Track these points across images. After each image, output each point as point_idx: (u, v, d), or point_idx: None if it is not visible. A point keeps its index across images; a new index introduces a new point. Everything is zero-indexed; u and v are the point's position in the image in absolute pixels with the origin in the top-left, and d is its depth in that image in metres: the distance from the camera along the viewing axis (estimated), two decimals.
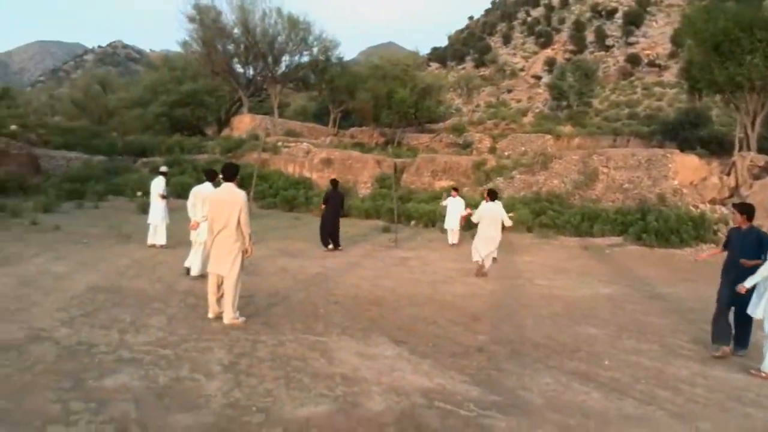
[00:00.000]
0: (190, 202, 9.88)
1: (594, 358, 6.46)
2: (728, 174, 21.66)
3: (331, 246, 14.52)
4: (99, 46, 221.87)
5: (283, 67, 41.76)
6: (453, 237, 16.80)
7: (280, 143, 32.49)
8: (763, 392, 5.68)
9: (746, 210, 7.28)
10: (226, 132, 39.55)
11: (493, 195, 12.45)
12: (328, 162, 29.22)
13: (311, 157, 30.15)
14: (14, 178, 22.39)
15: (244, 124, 38.19)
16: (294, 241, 15.51)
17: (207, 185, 9.76)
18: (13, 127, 30.78)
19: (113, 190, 24.59)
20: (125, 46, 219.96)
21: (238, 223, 6.92)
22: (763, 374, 6.07)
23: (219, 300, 7.14)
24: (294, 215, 22.68)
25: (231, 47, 41.01)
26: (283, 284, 9.80)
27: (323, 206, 15.17)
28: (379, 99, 37.72)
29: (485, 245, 11.73)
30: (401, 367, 5.86)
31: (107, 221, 16.70)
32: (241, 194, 7.02)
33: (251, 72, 42.36)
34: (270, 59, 40.37)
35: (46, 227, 14.56)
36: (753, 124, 24.40)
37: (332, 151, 30.98)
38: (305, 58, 41.66)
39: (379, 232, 19.06)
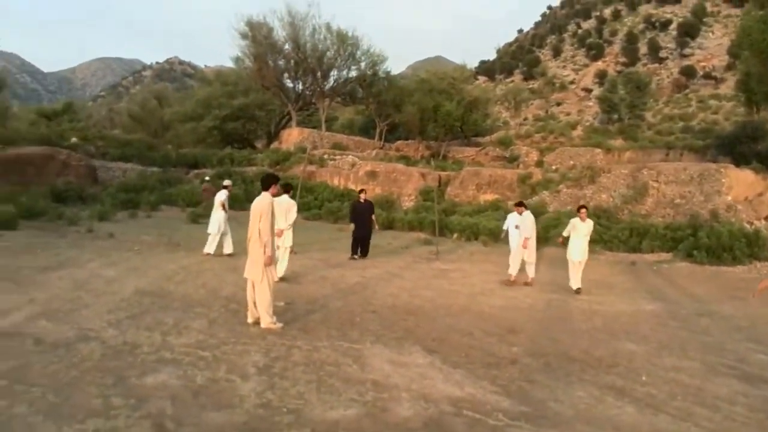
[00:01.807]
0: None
1: (631, 374, 6.33)
2: None
3: (358, 255, 14.83)
4: (156, 62, 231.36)
5: (331, 81, 42.55)
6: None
7: (326, 156, 33.05)
8: None
9: None
10: (275, 145, 40.46)
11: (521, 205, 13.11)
12: (373, 174, 29.51)
13: (356, 169, 30.52)
14: (73, 187, 23.55)
15: (292, 137, 38.99)
16: (336, 252, 15.73)
17: (284, 197, 11.00)
18: (74, 139, 32.37)
19: (166, 200, 25.49)
20: (181, 63, 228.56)
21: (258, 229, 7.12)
22: None
23: (256, 305, 7.35)
24: (338, 227, 22.95)
25: (281, 62, 42.04)
26: (322, 292, 9.98)
27: (352, 225, 15.28)
28: (425, 112, 37.92)
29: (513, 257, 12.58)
30: (432, 375, 5.90)
31: (159, 230, 17.35)
32: (266, 202, 7.20)
33: (300, 86, 43.31)
34: (319, 74, 41.19)
35: (100, 235, 15.26)
36: None
37: (377, 163, 31.27)
38: (353, 73, 42.34)
39: (421, 244, 19.09)
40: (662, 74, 74.15)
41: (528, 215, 12.72)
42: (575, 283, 11.77)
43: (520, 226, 12.76)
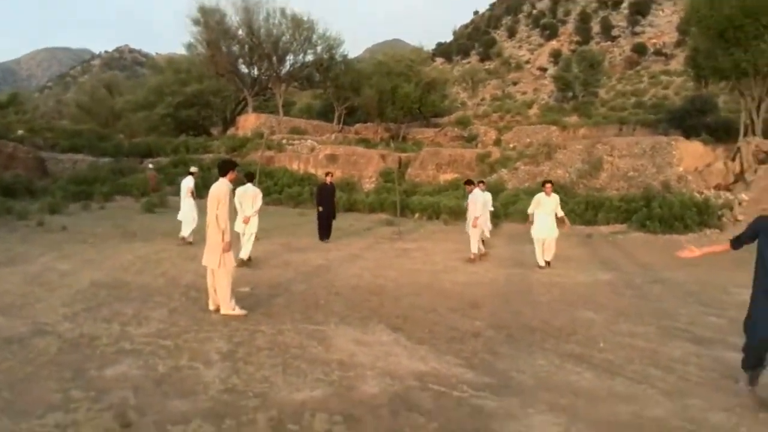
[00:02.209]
0: (236, 201, 10.93)
1: (589, 341, 6.51)
2: (733, 160, 21.55)
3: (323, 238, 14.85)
4: (106, 51, 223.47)
5: (287, 66, 41.99)
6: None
7: (284, 141, 32.70)
8: None
9: None
10: (231, 131, 39.82)
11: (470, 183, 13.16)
12: (332, 158, 29.36)
13: (316, 153, 30.31)
14: (21, 180, 22.72)
15: (249, 123, 38.41)
16: (298, 236, 15.63)
17: (249, 186, 11.27)
18: (21, 131, 31.15)
19: (120, 190, 24.84)
20: (131, 51, 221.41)
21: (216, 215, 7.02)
22: None
23: (216, 291, 7.26)
24: (299, 211, 22.82)
25: (236, 48, 41.23)
26: (285, 276, 9.92)
27: (319, 207, 15.15)
28: (383, 95, 37.83)
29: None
30: (397, 352, 5.95)
31: (113, 221, 16.91)
32: (223, 188, 7.09)
33: (256, 72, 42.61)
34: (274, 59, 40.57)
35: (52, 228, 14.77)
36: (758, 109, 24.27)
37: (337, 147, 31.13)
38: (310, 57, 41.89)
39: (383, 225, 19.16)
40: (615, 52, 75.67)
41: (478, 193, 12.57)
42: (541, 258, 11.58)
43: (469, 205, 12.70)
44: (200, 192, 12.62)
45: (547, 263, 11.64)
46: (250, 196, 11.15)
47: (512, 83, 73.07)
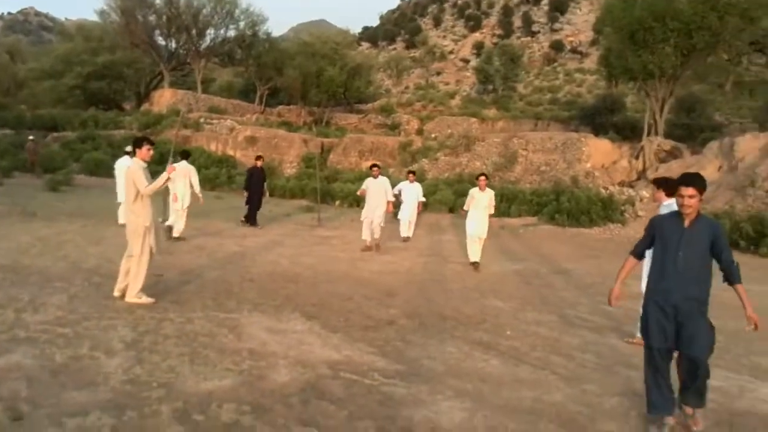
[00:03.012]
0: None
1: (497, 329, 6.79)
2: (637, 157, 22.97)
3: (249, 223, 14.64)
4: (8, 13, 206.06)
5: (207, 40, 40.60)
6: (408, 229, 14.26)
7: (202, 120, 31.62)
8: None
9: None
10: (145, 107, 38.06)
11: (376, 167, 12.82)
12: (252, 140, 28.71)
13: (235, 134, 29.52)
14: None
15: (164, 99, 36.81)
16: (214, 220, 15.21)
17: (183, 163, 11.80)
18: None
19: (20, 166, 23.16)
20: (37, 14, 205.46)
21: (136, 197, 6.73)
22: (636, 340, 6.20)
23: (128, 274, 6.93)
24: (215, 194, 22.19)
25: (152, 18, 39.36)
26: (197, 262, 9.64)
27: (245, 191, 14.93)
28: (307, 77, 37.34)
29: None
30: (310, 341, 5.94)
31: (11, 198, 15.75)
32: (132, 167, 6.78)
33: (174, 45, 40.88)
34: (194, 32, 39.04)
35: None
36: (661, 110, 25.89)
37: (258, 129, 30.45)
38: (231, 33, 40.74)
39: (303, 211, 18.99)
40: (534, 47, 78.36)
41: (383, 180, 12.24)
42: (473, 255, 10.83)
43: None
44: (109, 170, 11.97)
45: (474, 264, 10.75)
46: (182, 173, 11.54)
47: (436, 73, 74.14)
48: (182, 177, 11.66)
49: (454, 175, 24.31)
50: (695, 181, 4.19)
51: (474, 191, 10.80)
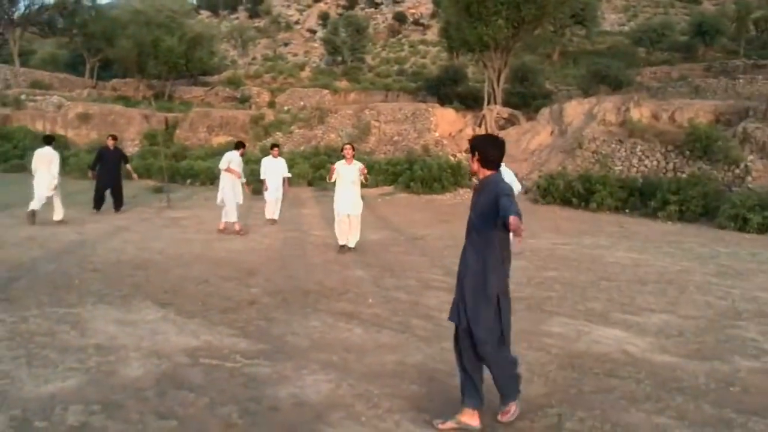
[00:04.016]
0: (33, 164, 11.80)
1: (359, 298, 6.89)
2: (479, 125, 24.39)
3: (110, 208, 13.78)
4: None
5: (22, 8, 35.96)
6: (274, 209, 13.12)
7: (24, 96, 28.19)
8: None
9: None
10: None
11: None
12: (85, 117, 26.18)
13: (65, 111, 26.72)
14: None
15: None
16: (45, 208, 13.68)
17: (47, 148, 11.85)
18: None
19: None
20: None
21: None
22: None
23: None
24: None
25: None
26: (28, 255, 8.66)
27: (91, 172, 13.95)
28: (143, 48, 34.63)
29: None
30: (165, 329, 5.60)
31: None
32: None
33: None
34: None
35: None
36: (498, 80, 27.56)
37: (90, 105, 27.80)
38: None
39: (150, 192, 17.79)
40: (378, 19, 79.30)
41: (234, 154, 11.62)
42: (342, 237, 9.77)
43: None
44: None
45: (349, 248, 9.76)
46: (47, 159, 11.55)
47: (283, 44, 72.42)
48: (47, 163, 11.55)
49: (311, 148, 24.13)
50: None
51: (339, 164, 9.70)
